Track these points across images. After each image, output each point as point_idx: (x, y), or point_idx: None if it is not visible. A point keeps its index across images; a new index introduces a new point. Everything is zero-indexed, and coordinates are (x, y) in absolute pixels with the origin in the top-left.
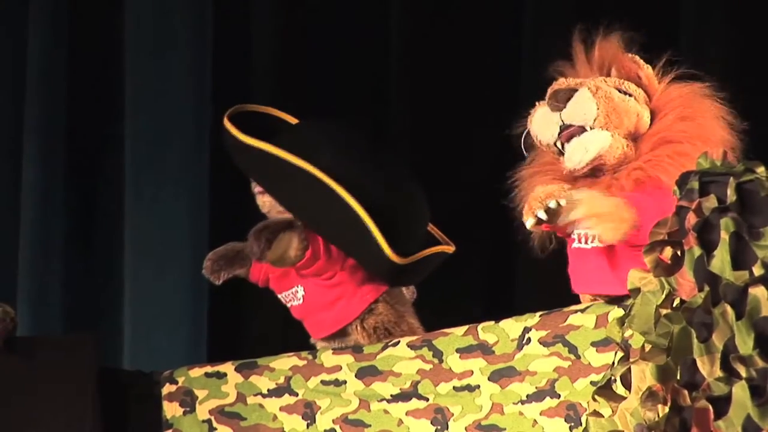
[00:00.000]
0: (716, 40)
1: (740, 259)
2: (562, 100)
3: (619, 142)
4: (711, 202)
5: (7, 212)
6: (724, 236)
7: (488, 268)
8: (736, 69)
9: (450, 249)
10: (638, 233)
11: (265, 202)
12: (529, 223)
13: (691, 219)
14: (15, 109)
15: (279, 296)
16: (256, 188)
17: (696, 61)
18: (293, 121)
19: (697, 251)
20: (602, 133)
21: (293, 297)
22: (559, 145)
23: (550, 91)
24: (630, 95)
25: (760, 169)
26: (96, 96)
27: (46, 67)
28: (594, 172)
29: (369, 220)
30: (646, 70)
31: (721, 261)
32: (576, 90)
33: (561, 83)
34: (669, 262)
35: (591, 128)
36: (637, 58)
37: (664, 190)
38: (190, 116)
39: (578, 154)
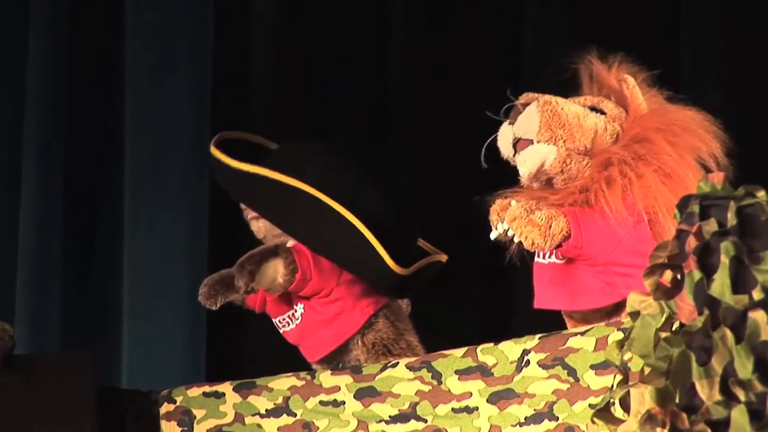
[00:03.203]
0: (716, 59)
1: (740, 283)
2: (518, 113)
3: (565, 157)
4: (711, 226)
5: (5, 232)
6: (725, 260)
7: (484, 279)
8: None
9: (444, 258)
10: (581, 250)
11: (260, 227)
12: (492, 235)
13: (692, 242)
14: (14, 129)
15: (274, 321)
16: (249, 215)
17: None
18: (273, 145)
19: (697, 275)
20: (544, 147)
21: (290, 319)
22: (515, 158)
23: (515, 104)
24: (603, 113)
25: (761, 193)
26: (95, 118)
27: (45, 89)
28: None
29: (367, 232)
30: (631, 90)
31: (721, 285)
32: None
33: (523, 97)
34: (669, 285)
35: (537, 141)
36: (626, 77)
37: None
38: (190, 139)
39: (523, 167)
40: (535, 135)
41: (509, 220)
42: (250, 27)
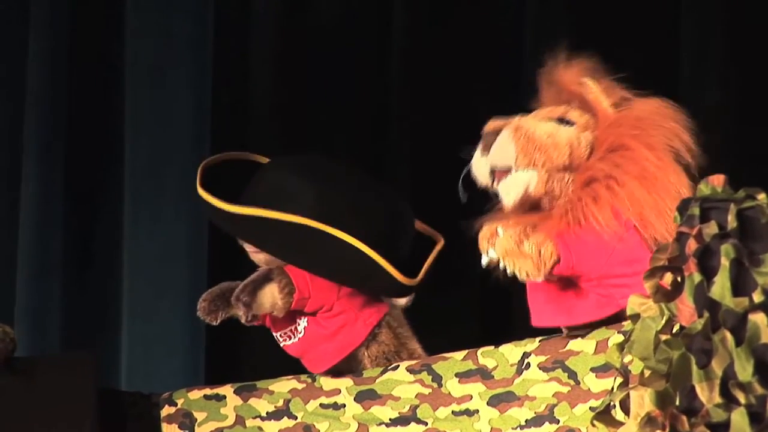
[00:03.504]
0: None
1: (740, 285)
2: (489, 143)
3: (547, 179)
4: (712, 229)
5: (5, 231)
6: (725, 262)
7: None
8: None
9: (441, 242)
10: (574, 269)
11: (260, 259)
12: (483, 261)
13: (692, 245)
14: (14, 129)
15: (275, 335)
16: (248, 248)
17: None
18: (262, 159)
19: (698, 277)
20: (525, 173)
21: (292, 333)
22: (495, 186)
23: (482, 133)
24: (572, 123)
25: (761, 196)
26: (95, 117)
27: (45, 88)
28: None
29: (373, 253)
30: (594, 94)
31: (721, 287)
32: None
33: (489, 125)
34: (669, 288)
35: (516, 169)
36: (587, 81)
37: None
38: (190, 139)
39: (507, 197)
40: (513, 163)
41: (501, 254)
42: (250, 27)
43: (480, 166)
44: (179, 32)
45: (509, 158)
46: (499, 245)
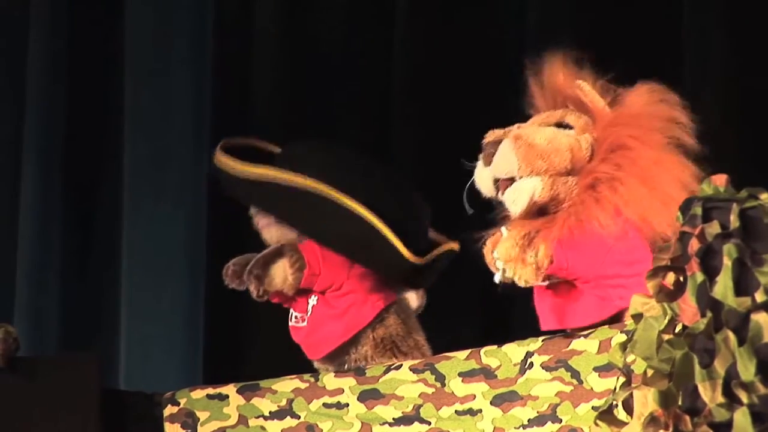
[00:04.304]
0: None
1: (743, 285)
2: (491, 154)
3: (551, 184)
4: (714, 228)
5: (5, 231)
6: (727, 262)
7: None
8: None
9: (456, 246)
10: (568, 270)
11: (272, 235)
12: (496, 279)
13: (694, 245)
14: (14, 129)
15: (293, 313)
16: (260, 222)
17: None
18: (276, 149)
19: (700, 277)
20: (529, 181)
21: (303, 314)
22: (500, 196)
23: (483, 143)
24: (570, 127)
25: (764, 196)
26: (94, 115)
27: (45, 87)
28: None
29: (379, 222)
30: (589, 96)
31: (723, 287)
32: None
33: (489, 135)
34: (672, 287)
35: (520, 177)
36: (581, 83)
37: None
38: (189, 135)
39: (512, 205)
40: (517, 172)
41: (504, 258)
42: (251, 25)
43: (483, 178)
44: (179, 32)
45: (512, 168)
46: (501, 248)
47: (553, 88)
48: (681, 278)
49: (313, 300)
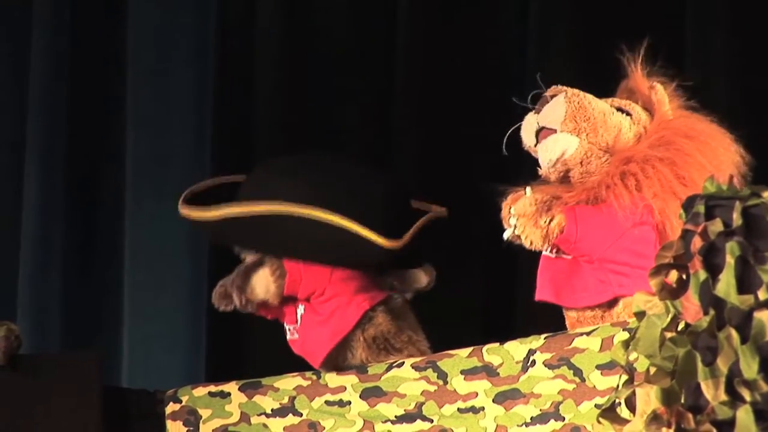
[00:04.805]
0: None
1: (745, 283)
2: (544, 102)
3: (586, 150)
4: (717, 226)
5: (7, 229)
6: (730, 260)
7: (487, 274)
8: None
9: (443, 211)
10: (575, 245)
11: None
12: (505, 235)
13: (697, 243)
14: (16, 128)
15: (287, 328)
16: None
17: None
18: (241, 178)
19: (703, 275)
20: (568, 137)
21: (295, 324)
22: (536, 149)
23: (543, 95)
24: (629, 114)
25: (766, 194)
26: (97, 114)
27: (47, 86)
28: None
29: (346, 221)
30: (660, 97)
31: (726, 285)
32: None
33: (552, 89)
34: (674, 285)
35: (561, 131)
36: (656, 84)
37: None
38: (191, 134)
39: (544, 155)
40: (559, 125)
41: (518, 213)
42: (253, 26)
43: (529, 124)
44: (180, 31)
45: (558, 119)
46: (519, 204)
47: (635, 87)
48: (684, 276)
49: (300, 309)
